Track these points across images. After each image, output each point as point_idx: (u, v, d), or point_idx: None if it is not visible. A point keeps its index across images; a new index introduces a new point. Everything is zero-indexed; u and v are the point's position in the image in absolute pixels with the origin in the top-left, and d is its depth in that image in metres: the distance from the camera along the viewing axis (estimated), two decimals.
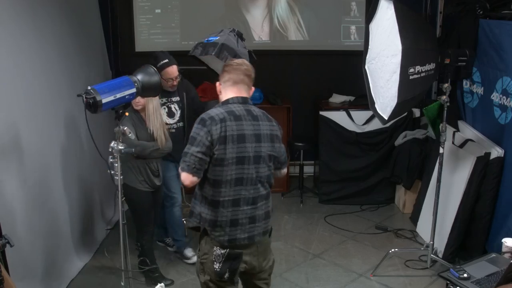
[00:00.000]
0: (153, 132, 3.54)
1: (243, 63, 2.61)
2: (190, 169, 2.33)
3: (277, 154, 2.55)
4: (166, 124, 3.72)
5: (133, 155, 3.38)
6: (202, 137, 2.35)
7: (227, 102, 2.51)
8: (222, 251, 2.41)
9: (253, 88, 2.63)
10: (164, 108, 3.83)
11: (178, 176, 3.13)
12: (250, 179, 2.45)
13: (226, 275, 2.42)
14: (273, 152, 2.52)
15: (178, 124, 3.90)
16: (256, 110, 2.54)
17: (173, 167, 3.88)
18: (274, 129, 2.55)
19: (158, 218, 3.93)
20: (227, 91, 2.54)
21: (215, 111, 2.44)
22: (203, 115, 2.45)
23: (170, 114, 3.87)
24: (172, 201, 4.00)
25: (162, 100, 3.79)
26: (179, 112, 3.90)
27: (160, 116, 3.61)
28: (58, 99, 3.75)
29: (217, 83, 2.59)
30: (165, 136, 3.61)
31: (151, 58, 3.71)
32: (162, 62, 3.69)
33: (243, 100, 2.53)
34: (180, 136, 3.86)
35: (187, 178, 2.35)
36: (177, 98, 3.90)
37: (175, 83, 3.80)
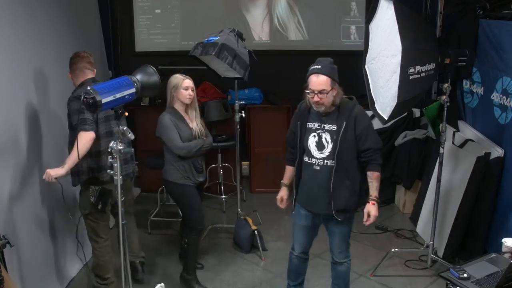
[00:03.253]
0: (194, 128, 3.52)
1: None
2: None
3: None
4: (313, 157, 3.00)
5: (179, 156, 3.42)
6: None
7: None
8: (96, 187, 3.02)
9: None
10: (314, 136, 2.99)
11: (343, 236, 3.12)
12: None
13: (99, 206, 2.96)
14: None
15: (325, 161, 2.95)
16: None
17: (335, 224, 3.08)
18: None
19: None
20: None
21: None
22: None
23: (319, 145, 2.97)
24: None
25: (313, 125, 3.00)
26: (330, 145, 2.95)
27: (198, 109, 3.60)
28: (57, 99, 3.74)
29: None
30: (205, 131, 3.61)
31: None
32: (311, 68, 2.93)
33: None
34: (323, 177, 2.96)
35: None
36: (333, 127, 2.95)
37: (316, 99, 2.87)
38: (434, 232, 3.83)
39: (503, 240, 2.83)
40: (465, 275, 2.54)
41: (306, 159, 3.03)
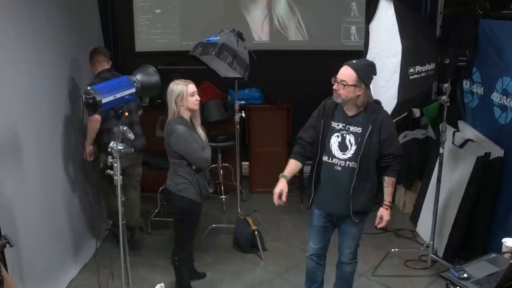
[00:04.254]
0: (203, 136, 3.37)
1: None
2: None
3: None
4: (334, 157, 2.95)
5: (195, 169, 3.28)
6: None
7: None
8: (106, 157, 2.94)
9: None
10: (337, 136, 2.94)
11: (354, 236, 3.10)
12: None
13: (106, 171, 2.92)
14: None
15: (347, 163, 2.91)
16: None
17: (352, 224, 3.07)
18: None
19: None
20: None
21: None
22: None
23: (342, 146, 2.92)
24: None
25: (338, 125, 2.95)
26: (354, 147, 2.91)
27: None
28: (58, 100, 3.75)
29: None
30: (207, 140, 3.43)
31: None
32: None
33: None
34: (344, 178, 2.93)
35: None
36: (358, 129, 2.90)
37: (335, 86, 2.85)
38: (434, 232, 3.83)
39: (503, 240, 2.83)
40: (465, 275, 2.54)
41: (325, 158, 2.97)
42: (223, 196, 5.18)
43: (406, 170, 4.89)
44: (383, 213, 2.99)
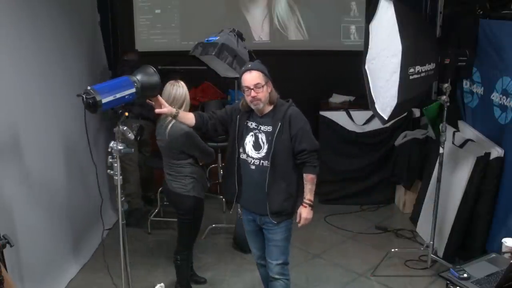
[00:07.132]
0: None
1: None
2: None
3: None
4: (249, 156, 2.96)
5: (201, 166, 3.38)
6: None
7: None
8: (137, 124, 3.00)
9: None
10: (252, 136, 2.96)
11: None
12: None
13: (138, 137, 2.95)
14: None
15: (261, 162, 2.91)
16: None
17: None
18: None
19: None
20: None
21: None
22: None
23: (256, 146, 2.94)
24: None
25: (251, 124, 2.98)
26: (266, 146, 2.91)
27: None
28: (58, 99, 3.74)
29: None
30: None
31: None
32: (242, 69, 3.02)
33: None
34: (258, 177, 2.92)
35: None
36: (268, 128, 2.91)
37: (253, 94, 2.84)
38: (434, 232, 3.83)
39: (503, 240, 2.83)
40: (465, 275, 2.55)
41: (243, 156, 2.97)
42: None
43: (406, 170, 4.89)
44: (302, 211, 2.93)
